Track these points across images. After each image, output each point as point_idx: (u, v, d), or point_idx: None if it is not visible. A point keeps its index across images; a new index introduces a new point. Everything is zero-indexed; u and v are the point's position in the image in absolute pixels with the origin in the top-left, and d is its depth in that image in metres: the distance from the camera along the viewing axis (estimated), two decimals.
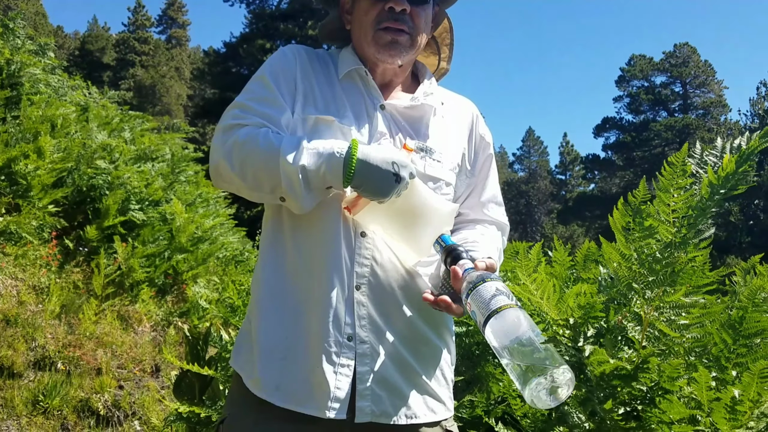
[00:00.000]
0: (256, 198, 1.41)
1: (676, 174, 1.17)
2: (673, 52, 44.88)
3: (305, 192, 1.31)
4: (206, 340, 2.80)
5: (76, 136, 6.28)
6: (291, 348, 1.36)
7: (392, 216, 1.36)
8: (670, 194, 1.16)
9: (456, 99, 1.65)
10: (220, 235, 8.06)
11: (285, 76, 1.48)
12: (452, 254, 1.28)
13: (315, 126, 1.41)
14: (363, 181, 1.28)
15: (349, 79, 1.51)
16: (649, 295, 1.13)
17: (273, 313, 1.40)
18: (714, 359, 1.20)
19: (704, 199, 1.13)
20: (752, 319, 1.20)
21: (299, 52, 1.54)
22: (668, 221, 1.15)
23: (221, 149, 1.37)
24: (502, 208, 1.64)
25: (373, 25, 1.46)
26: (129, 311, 5.43)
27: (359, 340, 1.34)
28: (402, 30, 1.45)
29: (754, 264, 2.38)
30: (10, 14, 7.16)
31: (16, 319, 4.26)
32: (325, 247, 1.36)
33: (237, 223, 10.19)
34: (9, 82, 6.07)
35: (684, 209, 1.13)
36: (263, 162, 1.32)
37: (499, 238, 1.59)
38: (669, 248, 1.12)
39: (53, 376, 3.94)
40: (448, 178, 1.50)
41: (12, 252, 4.84)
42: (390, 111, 1.49)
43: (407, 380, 1.38)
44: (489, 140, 1.64)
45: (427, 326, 1.42)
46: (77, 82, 9.41)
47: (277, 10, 31.12)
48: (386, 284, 1.37)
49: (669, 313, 1.11)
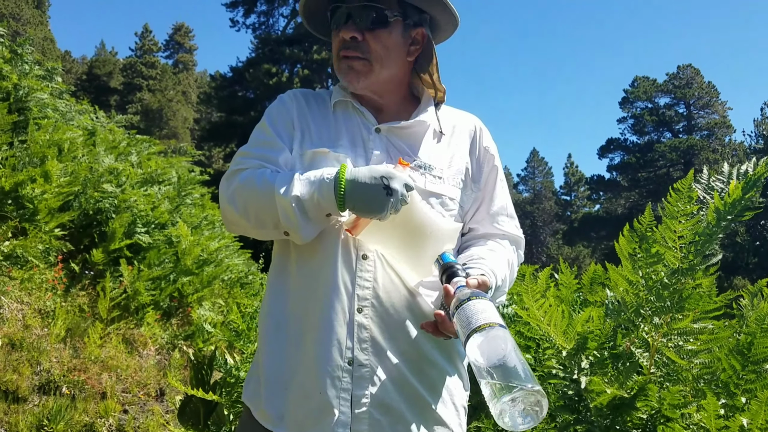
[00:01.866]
0: (263, 236, 1.45)
1: (682, 200, 1.16)
2: (677, 74, 45.01)
3: (303, 222, 1.33)
4: (211, 364, 2.79)
5: (83, 160, 6.33)
6: (293, 377, 1.36)
7: (393, 235, 1.35)
8: (676, 220, 1.15)
9: (458, 114, 1.65)
10: (225, 258, 8.06)
11: (282, 119, 1.53)
12: (448, 272, 1.27)
13: (311, 159, 1.45)
14: (355, 199, 1.29)
15: (342, 108, 1.55)
16: (657, 321, 1.12)
17: (276, 344, 1.41)
18: (723, 385, 1.19)
19: (711, 225, 1.13)
20: (761, 345, 1.19)
21: (296, 95, 1.60)
22: (675, 247, 1.14)
23: (225, 194, 1.43)
24: (515, 220, 1.60)
25: (337, 54, 1.52)
26: (134, 334, 5.42)
27: (358, 363, 1.33)
28: (355, 57, 1.48)
29: (762, 287, 2.36)
30: (18, 40, 7.25)
31: (21, 342, 4.26)
32: (326, 272, 1.37)
33: (242, 245, 10.18)
34: (17, 106, 6.12)
35: (690, 235, 1.12)
36: (261, 200, 1.36)
37: (513, 252, 1.56)
38: (676, 274, 1.11)
39: (58, 401, 3.92)
40: (451, 194, 1.50)
41: (18, 276, 4.85)
42: (385, 133, 1.50)
43: (411, 405, 1.36)
44: (493, 152, 1.62)
45: (435, 348, 1.40)
46: (85, 106, 9.50)
47: (282, 35, 31.47)
48: (389, 306, 1.37)
49: (677, 340, 1.09)
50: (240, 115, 27.95)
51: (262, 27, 33.33)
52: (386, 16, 1.49)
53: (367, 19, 1.47)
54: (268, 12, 33.30)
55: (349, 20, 1.47)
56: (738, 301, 2.47)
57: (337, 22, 1.50)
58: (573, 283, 2.58)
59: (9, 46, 7.02)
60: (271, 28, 33.34)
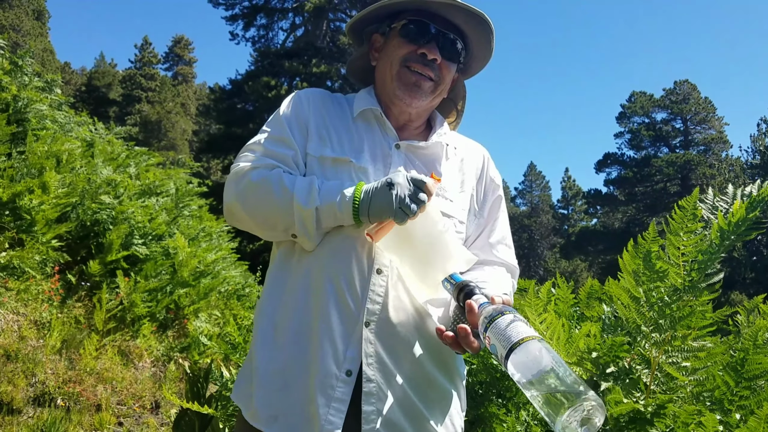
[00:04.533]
0: (267, 237, 1.46)
1: (687, 217, 1.18)
2: (674, 89, 45.23)
3: (317, 231, 1.36)
4: (207, 377, 2.78)
5: (81, 171, 6.33)
6: (290, 378, 1.36)
7: (412, 247, 1.36)
8: (680, 238, 1.16)
9: (467, 143, 1.69)
10: (222, 269, 8.05)
11: (297, 118, 1.52)
12: (465, 290, 1.27)
13: (332, 167, 1.45)
14: (366, 203, 1.32)
15: (363, 119, 1.55)
16: (657, 339, 1.13)
17: (274, 343, 1.40)
18: (717, 402, 1.19)
19: (714, 244, 1.14)
20: (754, 361, 1.19)
21: (314, 97, 1.58)
22: (678, 264, 1.15)
23: (234, 190, 1.42)
24: (512, 250, 1.64)
25: (401, 61, 1.50)
26: (130, 346, 5.40)
27: (366, 378, 1.33)
28: (428, 76, 1.49)
29: (758, 303, 2.37)
30: (19, 52, 7.27)
31: (16, 354, 4.24)
32: (336, 281, 1.37)
33: (239, 257, 10.17)
34: (15, 117, 6.13)
35: (694, 253, 1.13)
36: (276, 204, 1.36)
37: (509, 280, 1.58)
38: (678, 292, 1.12)
39: (53, 413, 3.90)
40: (461, 217, 1.52)
41: (14, 287, 4.84)
42: (405, 150, 1.51)
43: (414, 425, 1.36)
44: (498, 182, 1.66)
45: (437, 369, 1.41)
46: (83, 117, 9.51)
47: (282, 49, 31.61)
48: (396, 324, 1.37)
49: (677, 357, 1.10)
50: (239, 127, 27.96)
51: (261, 40, 33.47)
52: (460, 53, 1.55)
53: (451, 50, 1.51)
54: (267, 25, 33.45)
55: (433, 41, 1.48)
56: (734, 318, 2.47)
57: (420, 37, 1.49)
58: (570, 298, 2.59)
59: (9, 58, 7.04)
60: (270, 41, 33.49)
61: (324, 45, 30.71)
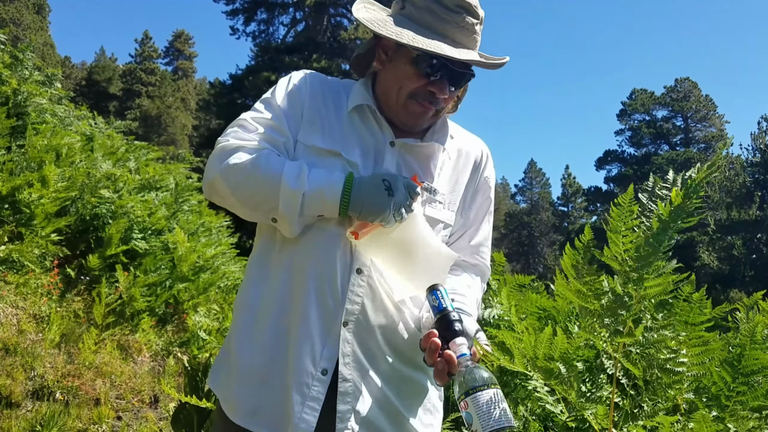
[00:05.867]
0: (248, 216, 1.41)
1: (623, 215, 1.18)
2: (674, 87, 45.26)
3: (300, 216, 1.33)
4: (205, 371, 2.79)
5: (80, 165, 6.33)
6: (270, 373, 1.35)
7: (393, 247, 1.36)
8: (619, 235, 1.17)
9: (467, 138, 1.64)
10: (221, 265, 8.05)
11: (292, 102, 1.48)
12: (445, 322, 1.26)
13: (320, 157, 1.41)
14: (359, 200, 1.30)
15: (358, 113, 1.50)
16: (620, 331, 1.13)
17: (253, 336, 1.39)
18: (714, 398, 1.19)
19: (656, 234, 1.15)
20: (751, 357, 1.19)
21: (311, 82, 1.53)
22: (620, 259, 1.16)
23: (219, 166, 1.37)
24: (490, 250, 1.64)
25: (409, 94, 1.44)
26: (129, 341, 5.40)
27: (342, 378, 1.32)
28: (434, 106, 1.45)
29: (757, 300, 2.37)
30: (19, 45, 7.26)
31: (15, 348, 4.24)
32: (317, 278, 1.35)
33: (239, 252, 10.18)
34: (15, 111, 6.13)
35: (634, 248, 1.14)
36: (263, 185, 1.33)
37: (481, 288, 1.59)
38: (628, 284, 1.13)
39: (51, 406, 3.90)
40: (448, 220, 1.51)
41: (14, 280, 4.84)
42: (399, 149, 1.48)
43: (391, 422, 1.37)
44: (491, 183, 1.63)
45: (413, 367, 1.42)
46: (83, 112, 9.51)
47: (282, 44, 31.55)
48: (374, 323, 1.37)
49: (641, 348, 1.10)
50: None
51: (262, 35, 33.43)
52: (469, 79, 1.48)
53: (459, 82, 1.45)
54: (268, 20, 33.42)
55: (445, 78, 1.41)
56: (734, 314, 2.48)
57: (434, 74, 1.40)
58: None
59: (9, 52, 7.04)
60: (271, 36, 33.45)
61: (325, 40, 30.67)
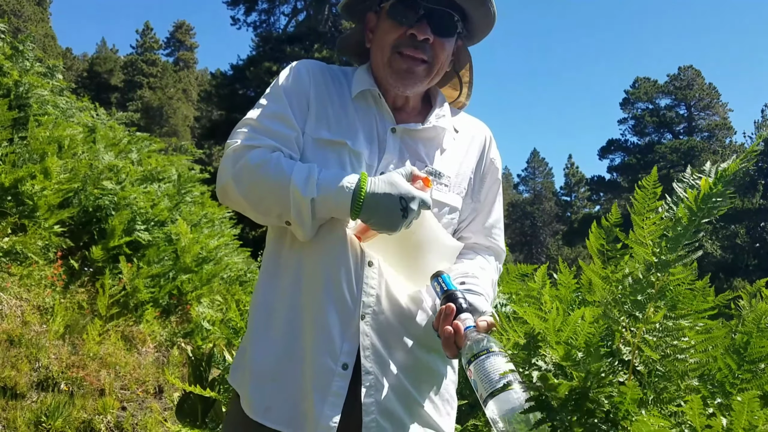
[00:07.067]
0: (261, 221, 1.42)
1: (647, 197, 1.17)
2: (678, 75, 45.05)
3: (312, 221, 1.32)
4: (209, 361, 2.80)
5: (83, 156, 6.33)
6: (282, 371, 1.36)
7: (399, 247, 1.35)
8: (643, 217, 1.16)
9: (470, 121, 1.63)
10: (224, 256, 8.07)
11: (297, 93, 1.46)
12: (451, 300, 1.26)
13: (326, 148, 1.41)
14: (371, 215, 1.28)
15: (361, 99, 1.49)
16: (626, 320, 1.13)
17: (267, 335, 1.39)
18: (719, 385, 1.19)
19: (682, 220, 1.14)
20: (757, 344, 1.19)
21: (314, 72, 1.51)
22: (644, 243, 1.14)
23: (231, 170, 1.36)
24: (503, 232, 1.63)
25: (392, 48, 1.42)
26: (133, 332, 5.42)
27: (365, 371, 1.32)
28: (420, 59, 1.42)
29: (760, 288, 2.37)
30: (20, 37, 7.25)
31: (20, 339, 4.26)
32: (331, 275, 1.35)
33: (242, 244, 10.19)
34: (17, 103, 6.13)
35: (659, 231, 1.13)
36: (273, 190, 1.32)
37: (496, 270, 1.58)
38: (651, 269, 1.12)
39: (56, 397, 3.92)
40: (454, 203, 1.50)
41: (17, 272, 4.85)
42: (401, 134, 1.47)
43: (409, 411, 1.37)
44: (498, 165, 1.62)
45: (428, 356, 1.41)
46: (85, 103, 9.50)
47: (283, 34, 31.48)
48: (390, 315, 1.36)
49: (659, 336, 1.10)
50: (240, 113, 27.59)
51: (263, 25, 33.38)
52: (456, 25, 1.45)
53: (444, 25, 1.41)
54: (269, 10, 33.33)
55: (424, 20, 1.38)
56: (737, 302, 2.47)
57: (407, 17, 1.39)
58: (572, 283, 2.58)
59: (10, 43, 7.02)
60: (272, 26, 33.39)
61: (326, 30, 30.56)
